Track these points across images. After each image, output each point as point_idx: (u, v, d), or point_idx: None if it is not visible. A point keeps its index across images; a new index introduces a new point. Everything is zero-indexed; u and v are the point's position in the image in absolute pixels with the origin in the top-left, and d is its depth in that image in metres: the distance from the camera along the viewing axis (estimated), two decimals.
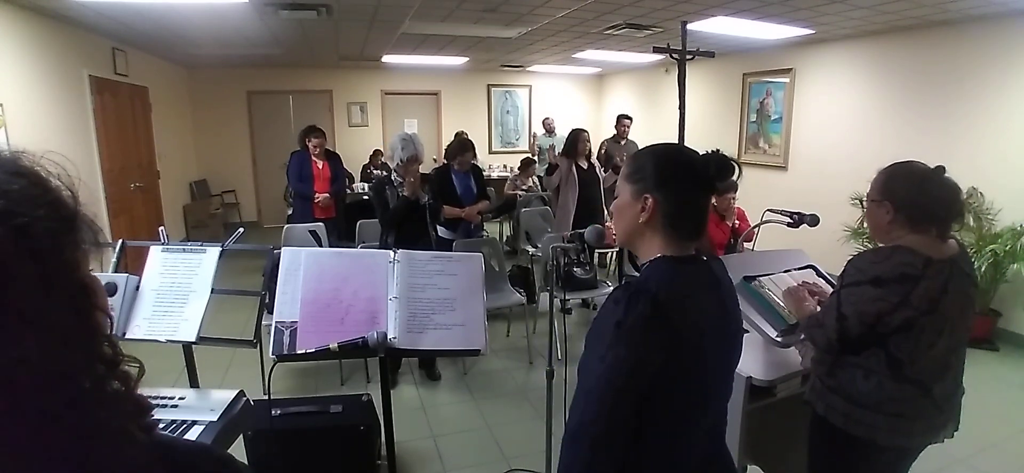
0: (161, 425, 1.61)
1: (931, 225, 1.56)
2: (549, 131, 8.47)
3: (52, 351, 0.46)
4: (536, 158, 8.29)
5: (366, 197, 6.33)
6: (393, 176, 3.73)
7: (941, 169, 1.59)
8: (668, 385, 1.05)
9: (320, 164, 5.25)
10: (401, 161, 3.62)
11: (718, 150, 1.14)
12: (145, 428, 0.56)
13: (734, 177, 1.13)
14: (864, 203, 1.71)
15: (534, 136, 9.30)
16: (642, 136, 7.32)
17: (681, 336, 1.04)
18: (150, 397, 1.78)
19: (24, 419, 0.45)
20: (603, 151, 7.16)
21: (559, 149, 7.40)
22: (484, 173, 4.91)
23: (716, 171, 1.11)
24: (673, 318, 1.04)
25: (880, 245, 1.68)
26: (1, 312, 0.44)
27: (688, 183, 1.13)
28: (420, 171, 3.68)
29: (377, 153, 8.39)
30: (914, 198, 1.56)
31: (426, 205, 3.69)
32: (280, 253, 2.10)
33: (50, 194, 0.50)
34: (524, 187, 7.53)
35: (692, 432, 1.14)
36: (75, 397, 0.48)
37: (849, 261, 1.65)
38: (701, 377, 1.11)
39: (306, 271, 2.05)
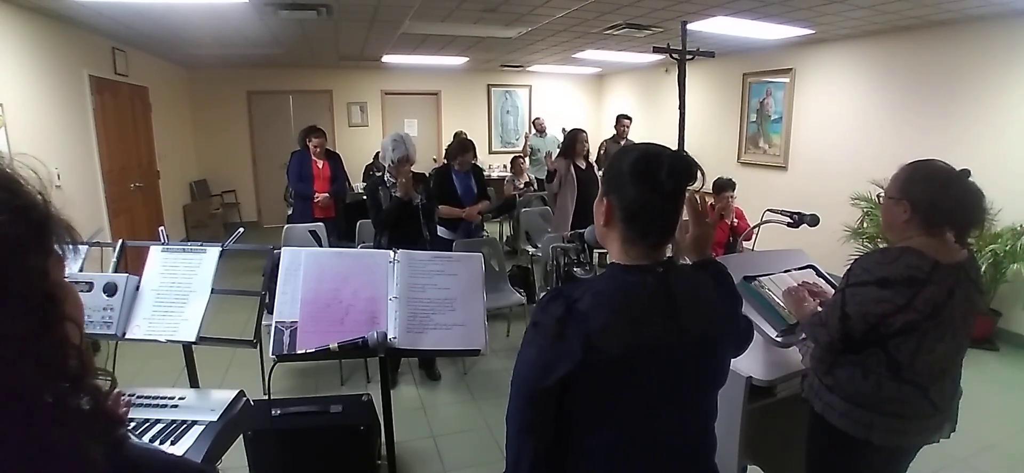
0: (161, 425, 1.62)
1: (949, 229, 1.54)
2: (540, 131, 8.47)
3: (4, 365, 0.44)
4: (528, 158, 8.31)
5: (365, 197, 6.34)
6: (386, 177, 3.71)
7: (966, 172, 1.55)
8: (585, 394, 1.03)
9: (320, 164, 5.25)
10: (392, 162, 3.61)
11: (680, 151, 1.09)
12: (116, 442, 0.54)
13: (692, 182, 1.08)
14: (880, 197, 1.69)
15: (526, 136, 9.31)
16: (642, 136, 7.32)
17: (596, 347, 1.00)
18: (150, 397, 1.76)
19: None
20: (603, 151, 7.16)
21: (550, 148, 7.44)
22: (484, 173, 4.91)
23: (667, 175, 1.05)
24: (588, 327, 1.00)
25: (887, 245, 1.66)
26: None
27: (640, 186, 1.07)
28: (413, 171, 3.67)
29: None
30: (935, 200, 1.53)
31: (419, 206, 3.69)
32: (280, 253, 2.10)
33: (17, 199, 0.48)
34: (521, 184, 7.54)
35: (647, 448, 1.09)
36: (26, 415, 0.45)
37: (855, 260, 1.64)
38: (640, 394, 1.06)
39: (306, 271, 2.05)
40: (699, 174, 1.08)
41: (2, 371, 0.44)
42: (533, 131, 8.67)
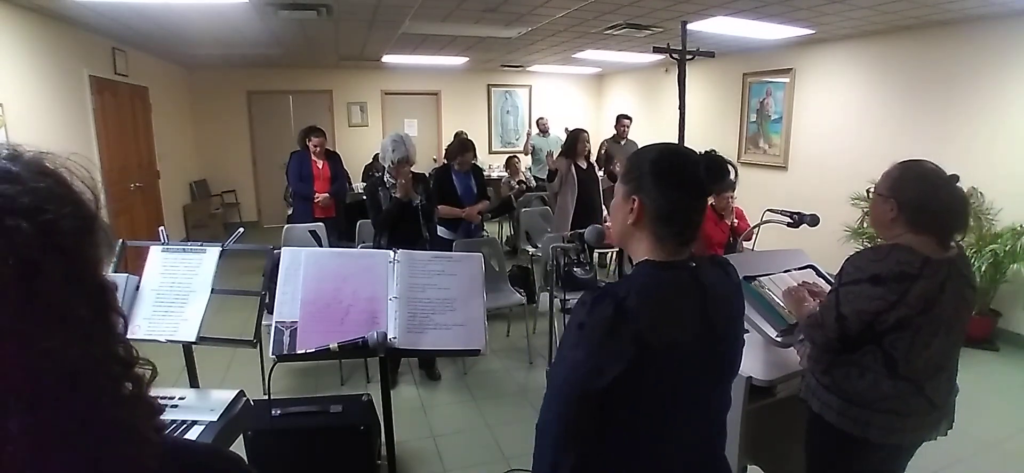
0: None
1: (933, 231, 1.56)
2: (543, 131, 8.49)
3: (75, 346, 0.48)
4: (530, 157, 8.32)
5: (365, 198, 6.34)
6: (386, 177, 3.71)
7: (954, 178, 1.57)
8: (632, 392, 1.03)
9: (320, 164, 5.25)
10: (392, 162, 3.61)
11: (712, 151, 1.11)
12: (157, 429, 0.57)
13: (728, 179, 1.10)
14: (870, 193, 1.71)
15: (528, 135, 9.32)
16: (642, 136, 7.32)
17: (647, 344, 1.01)
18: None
19: (44, 412, 0.46)
20: (603, 151, 7.16)
21: (553, 148, 7.45)
22: (484, 173, 4.91)
23: (706, 174, 1.08)
24: (638, 325, 1.01)
25: (878, 244, 1.68)
26: (28, 305, 0.45)
27: (677, 186, 1.09)
28: (412, 171, 3.68)
29: None
30: (921, 202, 1.55)
31: (419, 206, 3.69)
32: (280, 253, 2.10)
33: (73, 194, 0.52)
34: (517, 180, 7.55)
35: (669, 443, 1.11)
36: (94, 394, 0.49)
37: (847, 259, 1.65)
38: (674, 389, 1.07)
39: (306, 271, 2.05)
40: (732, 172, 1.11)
41: (72, 350, 0.48)
42: (536, 131, 8.69)
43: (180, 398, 1.74)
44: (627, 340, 1.00)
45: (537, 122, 8.74)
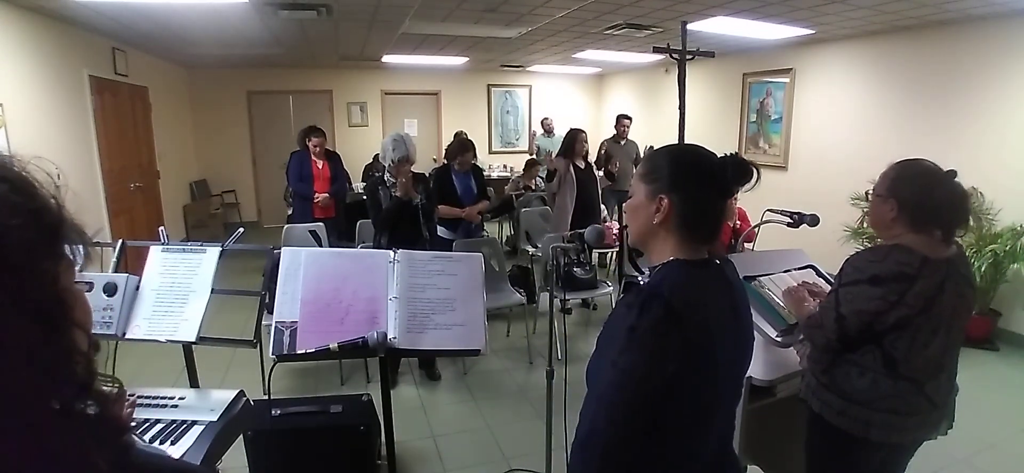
0: (161, 425, 1.62)
1: (934, 228, 1.56)
2: (548, 132, 8.50)
3: (12, 370, 0.44)
4: (536, 158, 8.34)
5: (365, 197, 6.34)
6: (386, 177, 3.72)
7: (952, 173, 1.58)
8: (680, 391, 1.03)
9: (320, 164, 5.25)
10: (392, 162, 3.61)
11: (736, 153, 1.13)
12: (121, 448, 0.53)
13: (752, 182, 1.11)
14: (869, 195, 1.71)
15: (533, 135, 9.33)
16: (642, 136, 7.32)
17: (694, 342, 1.02)
18: (150, 397, 1.77)
19: None
20: (603, 151, 7.16)
21: (557, 149, 7.45)
22: (484, 173, 4.91)
23: (734, 175, 1.10)
24: (686, 324, 1.02)
25: (877, 244, 1.69)
26: None
27: (705, 186, 1.11)
28: (412, 171, 3.68)
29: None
30: (920, 200, 1.56)
31: (419, 206, 3.69)
32: (280, 253, 2.11)
33: (33, 202, 0.48)
34: (527, 184, 7.56)
35: (702, 437, 1.12)
36: (33, 421, 0.45)
37: (846, 260, 1.66)
38: (712, 383, 1.08)
39: (306, 271, 2.05)
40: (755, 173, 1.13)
41: (11, 377, 0.44)
42: (541, 131, 8.70)
43: (180, 398, 1.74)
44: (679, 341, 1.01)
45: (542, 122, 8.76)
